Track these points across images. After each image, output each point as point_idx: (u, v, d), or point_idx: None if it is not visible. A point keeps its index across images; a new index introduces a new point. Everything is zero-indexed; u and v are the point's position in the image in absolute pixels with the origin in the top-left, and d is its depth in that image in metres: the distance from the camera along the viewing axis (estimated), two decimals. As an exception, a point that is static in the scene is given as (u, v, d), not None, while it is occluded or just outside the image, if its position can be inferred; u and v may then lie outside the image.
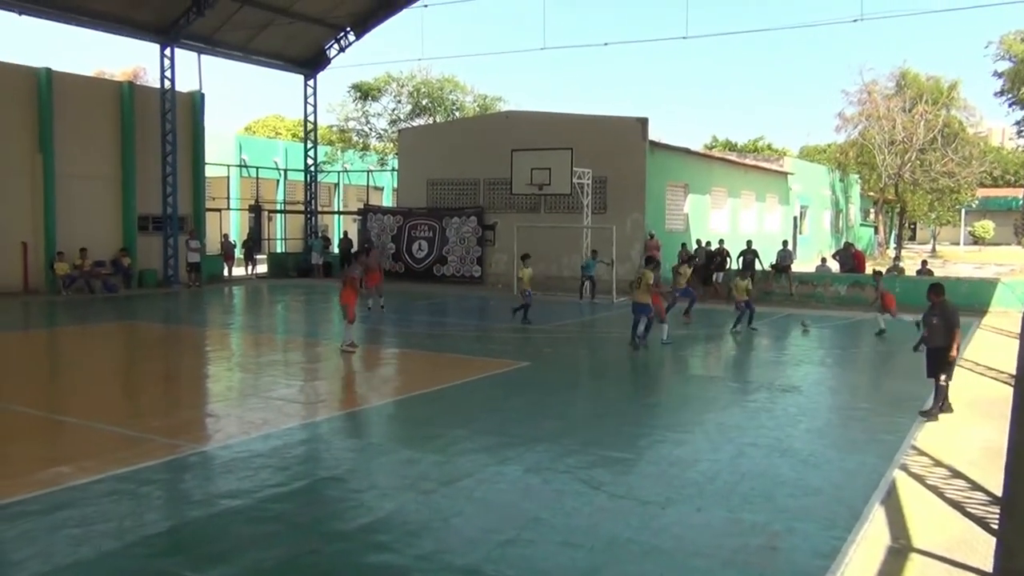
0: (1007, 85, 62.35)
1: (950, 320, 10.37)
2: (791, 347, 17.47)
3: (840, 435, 9.79)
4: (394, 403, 11.61)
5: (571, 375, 14.19)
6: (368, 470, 8.26)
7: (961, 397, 11.83)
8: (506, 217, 29.16)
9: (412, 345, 17.28)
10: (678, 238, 29.12)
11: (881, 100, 51.04)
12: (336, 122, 44.85)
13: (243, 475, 7.87)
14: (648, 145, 27.71)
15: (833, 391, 12.42)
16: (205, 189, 31.46)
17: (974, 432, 9.92)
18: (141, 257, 27.92)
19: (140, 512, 6.92)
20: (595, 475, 7.97)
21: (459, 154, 30.75)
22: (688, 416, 10.90)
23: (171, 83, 28.31)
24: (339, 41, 33.20)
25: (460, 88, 44.40)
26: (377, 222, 32.22)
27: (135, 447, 8.80)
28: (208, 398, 12.14)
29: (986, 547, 6.36)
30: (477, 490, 7.54)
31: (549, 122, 28.55)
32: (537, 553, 6.17)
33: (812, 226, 47.93)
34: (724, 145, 72.45)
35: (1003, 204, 69.98)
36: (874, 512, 7.04)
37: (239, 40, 30.72)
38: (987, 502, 7.39)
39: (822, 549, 6.25)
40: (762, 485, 7.75)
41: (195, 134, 30.07)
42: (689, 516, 6.95)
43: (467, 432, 9.58)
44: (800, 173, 45.66)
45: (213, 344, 17.50)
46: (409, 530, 6.59)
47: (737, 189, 36.89)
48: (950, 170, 50.18)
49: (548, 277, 28.00)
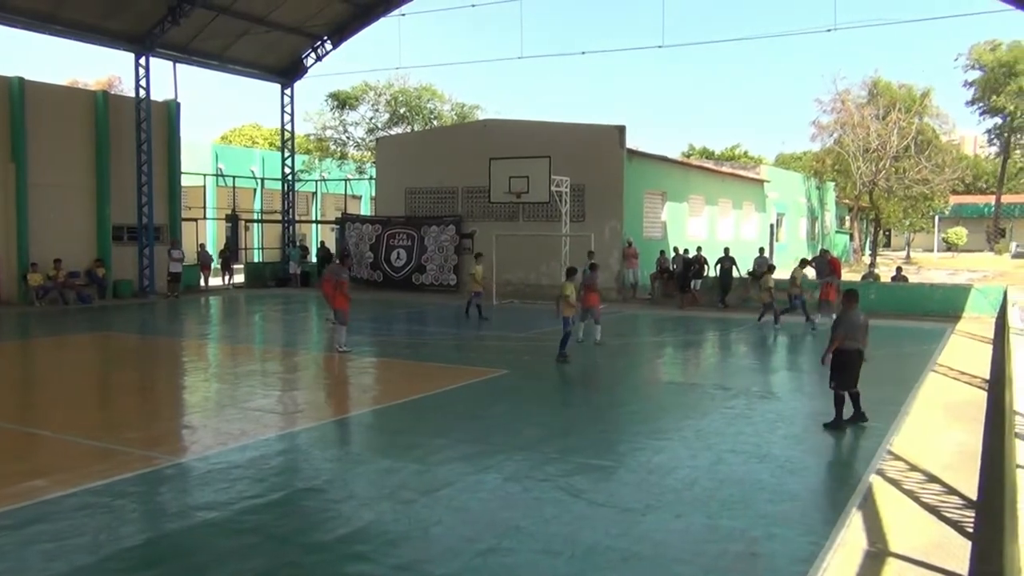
0: (978, 94, 63.47)
1: (834, 324, 10.62)
2: (769, 353, 17.57)
3: (817, 441, 9.85)
4: (373, 412, 11.55)
5: (550, 383, 14.20)
6: (347, 480, 8.21)
7: (935, 401, 11.97)
8: (485, 225, 29.17)
9: (391, 354, 17.23)
10: (656, 246, 29.28)
11: (855, 108, 51.60)
12: (313, 131, 44.79)
13: (220, 487, 7.79)
14: (626, 153, 27.85)
15: (810, 397, 12.50)
16: (181, 198, 31.22)
17: (948, 436, 10.01)
18: (116, 267, 27.66)
19: (115, 526, 6.83)
20: (575, 483, 7.97)
21: (437, 162, 30.75)
22: (667, 423, 10.93)
23: (146, 92, 28.11)
24: (316, 50, 33.15)
25: (438, 97, 44.44)
26: (356, 231, 32.13)
27: (110, 460, 8.69)
28: (185, 409, 12.01)
29: (962, 550, 6.42)
30: (457, 499, 7.51)
31: (527, 130, 28.63)
32: (517, 562, 6.15)
33: (788, 233, 48.33)
34: (701, 153, 73.00)
35: (975, 211, 70.96)
36: (851, 517, 7.09)
37: (215, 49, 30.59)
38: (962, 505, 7.46)
39: (800, 554, 6.28)
40: (741, 491, 7.78)
41: (171, 143, 29.87)
42: (669, 523, 6.97)
43: (446, 441, 9.55)
44: (776, 181, 46.06)
45: (190, 355, 17.35)
46: (388, 540, 6.55)
47: (714, 197, 37.13)
48: (924, 177, 50.77)
49: (527, 285, 28.06)
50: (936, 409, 11.46)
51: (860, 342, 10.17)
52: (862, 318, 10.23)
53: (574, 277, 16.05)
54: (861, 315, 10.25)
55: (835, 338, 10.20)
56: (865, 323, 10.29)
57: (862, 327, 10.22)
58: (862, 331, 10.22)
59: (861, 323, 10.19)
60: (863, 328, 10.24)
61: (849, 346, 10.11)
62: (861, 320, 10.20)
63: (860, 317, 10.21)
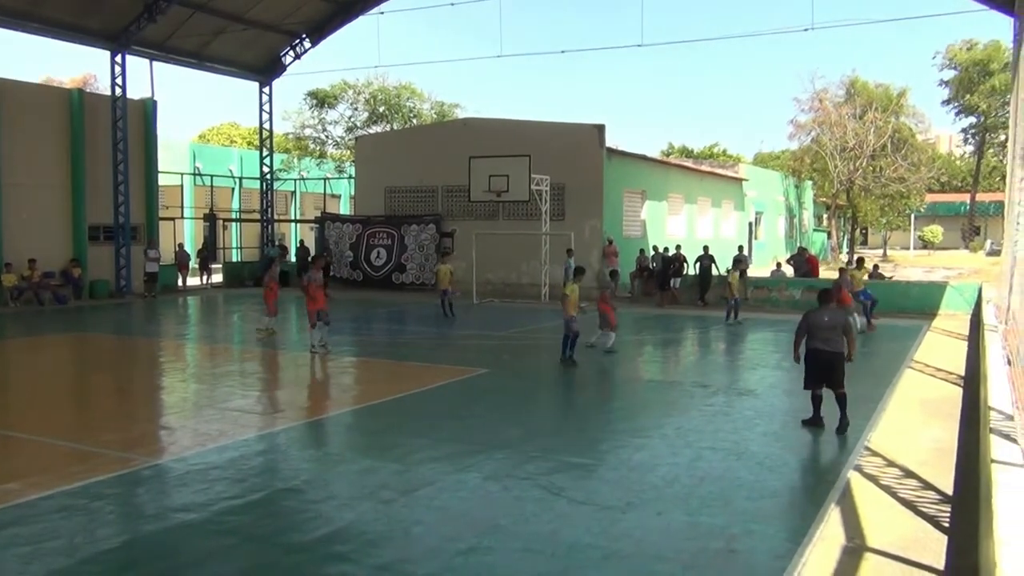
0: (953, 93, 64.15)
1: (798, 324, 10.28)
2: (748, 351, 17.68)
3: (796, 438, 9.92)
4: (353, 412, 11.51)
5: (530, 381, 14.21)
6: (327, 480, 8.17)
7: (912, 398, 12.09)
8: (465, 224, 29.14)
9: (371, 353, 17.18)
10: (636, 244, 29.37)
11: (832, 108, 52.00)
12: (292, 130, 44.56)
13: (198, 488, 7.73)
14: (605, 152, 27.92)
15: (789, 394, 12.58)
16: (158, 198, 30.97)
17: (925, 432, 10.12)
18: (92, 268, 27.38)
19: (92, 528, 6.77)
20: (555, 481, 7.98)
21: (417, 161, 30.68)
22: (647, 421, 10.97)
23: (122, 90, 27.86)
24: (295, 48, 32.97)
25: (417, 95, 44.34)
26: (335, 230, 31.99)
27: (87, 462, 8.60)
28: (162, 410, 11.91)
29: (938, 545, 6.49)
30: (437, 498, 7.50)
31: (507, 129, 28.62)
32: (497, 560, 6.15)
33: (767, 231, 48.65)
34: (680, 152, 73.30)
35: (951, 209, 71.68)
36: (830, 513, 7.14)
37: (192, 47, 30.35)
38: (939, 500, 7.54)
39: (779, 550, 6.32)
40: (720, 488, 7.82)
41: (147, 142, 29.61)
42: (649, 520, 6.99)
43: (427, 440, 9.53)
44: (755, 179, 46.35)
45: (167, 355, 17.21)
46: (368, 540, 6.53)
47: (693, 195, 37.30)
48: (900, 176, 51.22)
49: (507, 284, 28.07)
50: (913, 405, 11.57)
51: (828, 343, 9.85)
52: (827, 319, 9.91)
53: (580, 277, 15.92)
54: (827, 316, 9.96)
55: (796, 338, 10.23)
56: (836, 324, 9.92)
57: (831, 328, 9.86)
58: (834, 332, 9.86)
59: (826, 324, 9.86)
60: (833, 329, 9.87)
61: (813, 346, 9.93)
62: (826, 321, 9.89)
63: (825, 318, 9.92)
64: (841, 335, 9.94)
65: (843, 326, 10.02)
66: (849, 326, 10.18)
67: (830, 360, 9.91)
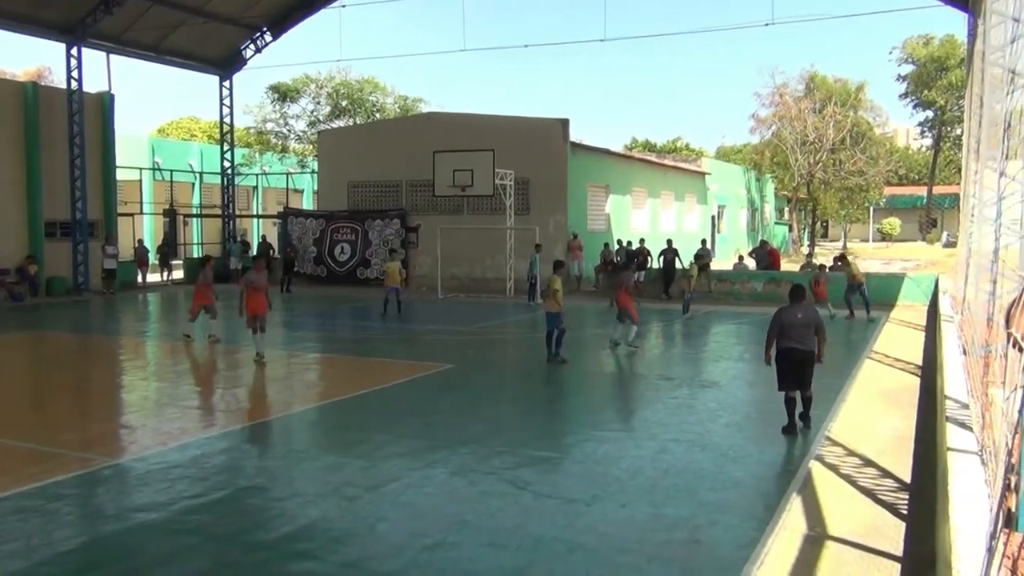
0: (910, 88, 65.18)
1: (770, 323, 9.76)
2: (711, 343, 17.84)
3: (758, 429, 10.03)
4: (317, 409, 11.43)
5: (495, 376, 14.21)
6: (291, 478, 8.10)
7: (871, 388, 12.28)
8: (429, 219, 29.04)
9: (335, 349, 17.06)
10: (600, 238, 29.48)
11: (792, 102, 52.59)
12: (254, 124, 43.96)
13: (159, 487, 7.63)
14: (569, 146, 27.97)
15: (751, 385, 12.73)
16: (116, 193, 30.46)
17: (884, 421, 10.29)
18: (49, 264, 26.84)
19: (50, 529, 6.64)
20: (521, 475, 7.99)
21: (380, 156, 30.48)
22: (612, 414, 11.03)
23: (79, 84, 27.32)
24: (255, 41, 32.56)
25: (380, 89, 44.01)
26: (298, 225, 31.69)
27: (44, 462, 8.44)
28: (122, 409, 11.72)
29: (896, 532, 6.61)
30: (402, 494, 7.47)
31: (471, 123, 28.55)
32: (463, 555, 6.15)
33: (729, 225, 49.09)
34: (643, 146, 73.59)
35: (908, 202, 72.87)
36: (791, 502, 7.24)
37: (150, 40, 29.85)
38: (897, 488, 7.67)
39: (743, 540, 6.39)
40: (684, 480, 7.89)
41: (104, 136, 29.09)
42: (614, 512, 7.03)
43: (392, 436, 9.49)
44: (717, 173, 46.73)
45: (127, 353, 16.94)
46: (333, 537, 6.49)
47: (657, 189, 37.52)
48: (859, 169, 51.99)
49: (472, 279, 28.03)
50: (872, 395, 11.76)
51: (803, 342, 9.41)
52: (800, 316, 9.46)
53: (561, 270, 15.37)
54: (801, 313, 9.50)
55: (768, 337, 9.63)
56: (810, 321, 9.49)
57: (804, 325, 9.44)
58: (808, 330, 9.44)
59: (800, 321, 9.43)
60: (807, 326, 9.45)
61: (786, 345, 9.44)
62: (799, 319, 9.45)
63: (799, 315, 9.46)
64: (814, 334, 9.51)
65: (817, 324, 9.58)
66: (822, 324, 9.72)
67: (803, 360, 9.48)
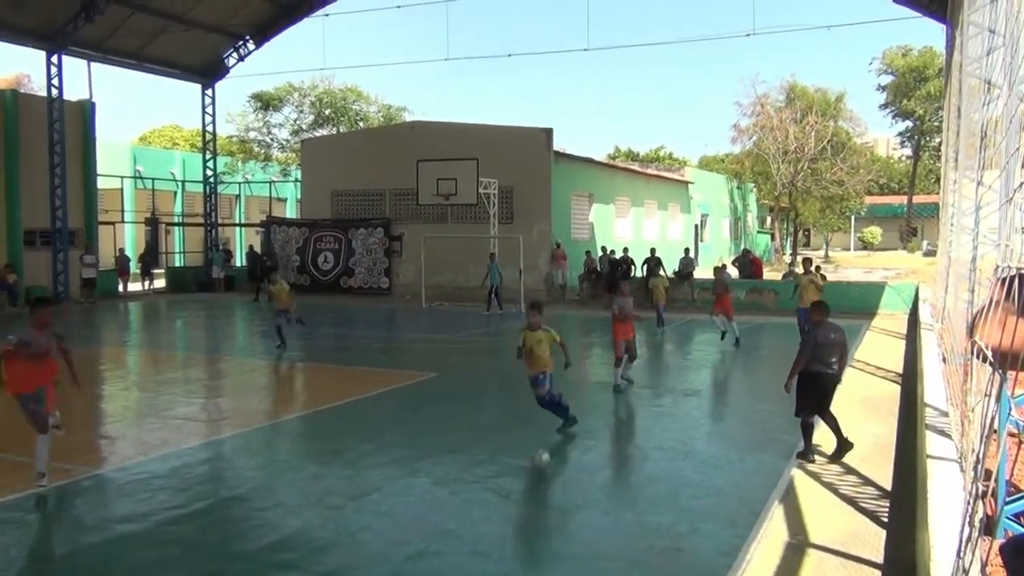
0: (890, 98, 65.87)
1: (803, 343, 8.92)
2: (694, 352, 17.90)
3: (741, 437, 10.07)
4: (300, 418, 11.37)
5: (479, 385, 14.19)
6: (273, 488, 8.06)
7: (852, 396, 12.34)
8: (413, 228, 29.01)
9: (318, 359, 16.98)
10: (584, 247, 29.54)
11: (773, 112, 52.98)
12: (236, 132, 43.88)
13: (140, 498, 7.57)
14: (553, 155, 28.04)
15: (733, 394, 12.79)
16: (97, 202, 30.27)
17: (865, 429, 10.34)
18: (28, 273, 26.60)
19: (27, 541, 6.58)
20: (504, 484, 7.99)
21: (364, 164, 30.46)
22: (595, 422, 11.03)
23: (59, 91, 27.16)
24: (238, 50, 32.49)
25: (364, 98, 44.04)
26: (281, 234, 31.59)
27: (21, 472, 8.34)
28: (103, 419, 11.62)
29: (877, 539, 6.65)
30: (385, 504, 7.45)
31: (455, 132, 28.58)
32: (446, 564, 6.14)
33: (712, 234, 49.35)
34: (627, 155, 73.89)
35: (889, 211, 73.52)
36: (773, 510, 7.27)
37: (132, 47, 29.72)
38: (877, 496, 7.72)
39: (725, 548, 6.42)
40: (667, 488, 7.91)
41: (85, 144, 28.93)
42: (597, 520, 7.04)
43: (375, 446, 9.46)
44: (700, 182, 47.02)
45: (108, 363, 16.79)
46: (316, 547, 6.46)
47: (640, 198, 37.67)
48: (839, 179, 52.38)
49: (456, 288, 28.01)
50: (853, 403, 11.81)
51: (831, 365, 8.62)
52: (834, 336, 8.66)
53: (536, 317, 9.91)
54: (833, 333, 8.70)
55: (798, 360, 8.65)
56: (840, 342, 8.72)
57: (835, 346, 8.64)
58: (835, 351, 8.65)
59: (832, 341, 8.61)
60: (835, 347, 8.65)
61: (814, 368, 8.60)
62: (831, 339, 8.62)
63: (831, 335, 8.65)
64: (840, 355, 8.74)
65: (844, 344, 8.84)
66: (847, 345, 9.00)
67: (828, 385, 8.71)
